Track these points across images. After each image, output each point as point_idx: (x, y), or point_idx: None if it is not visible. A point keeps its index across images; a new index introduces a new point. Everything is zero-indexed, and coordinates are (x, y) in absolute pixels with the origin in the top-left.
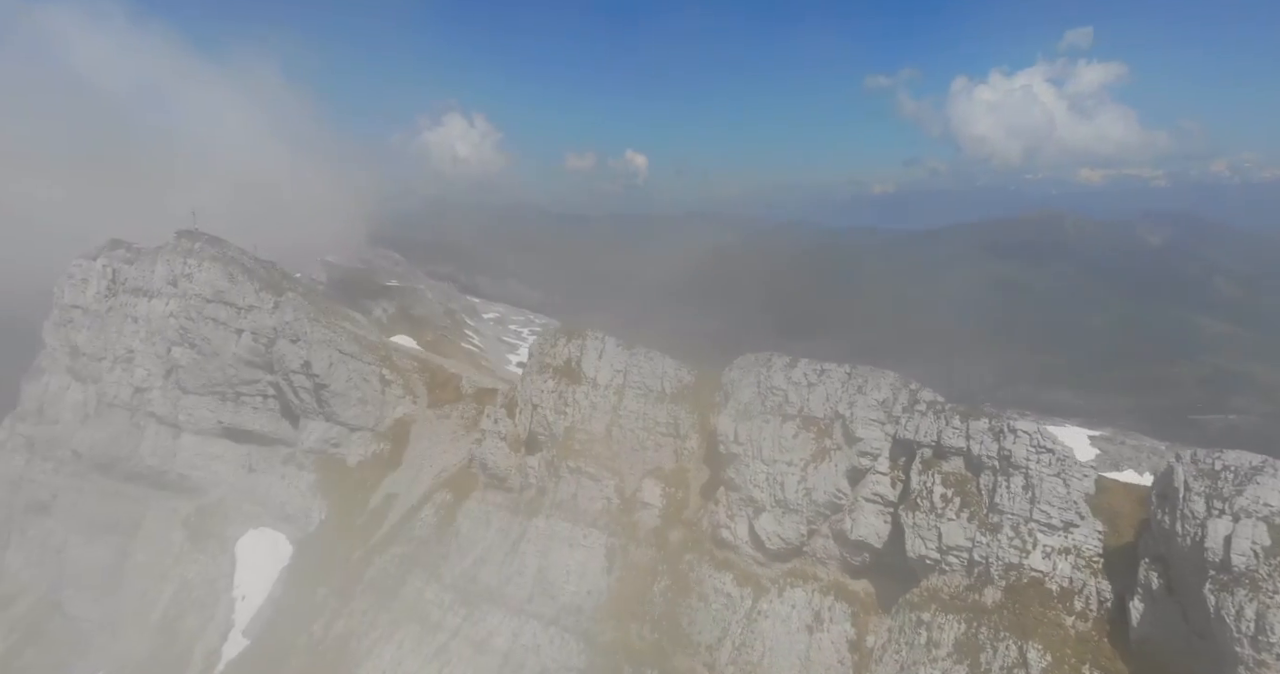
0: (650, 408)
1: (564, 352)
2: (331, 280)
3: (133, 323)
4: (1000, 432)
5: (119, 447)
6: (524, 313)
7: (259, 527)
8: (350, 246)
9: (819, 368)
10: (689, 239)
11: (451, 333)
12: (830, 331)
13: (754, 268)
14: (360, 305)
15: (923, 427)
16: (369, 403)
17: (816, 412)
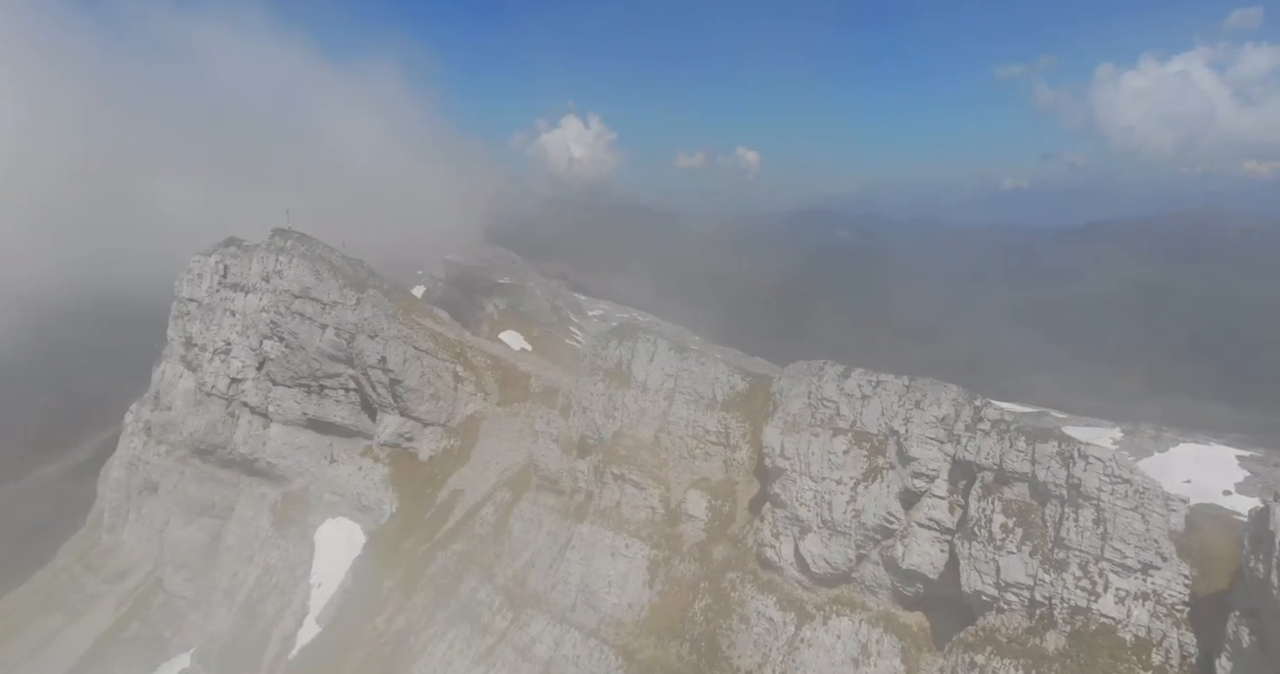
0: (700, 415)
1: (615, 354)
2: (450, 277)
3: (230, 316)
4: (1069, 457)
5: (216, 434)
6: (627, 310)
7: (337, 516)
8: (471, 245)
9: (874, 379)
10: (801, 237)
11: (557, 329)
12: (952, 336)
13: (869, 267)
14: (475, 301)
15: (984, 447)
16: (441, 399)
17: (870, 426)
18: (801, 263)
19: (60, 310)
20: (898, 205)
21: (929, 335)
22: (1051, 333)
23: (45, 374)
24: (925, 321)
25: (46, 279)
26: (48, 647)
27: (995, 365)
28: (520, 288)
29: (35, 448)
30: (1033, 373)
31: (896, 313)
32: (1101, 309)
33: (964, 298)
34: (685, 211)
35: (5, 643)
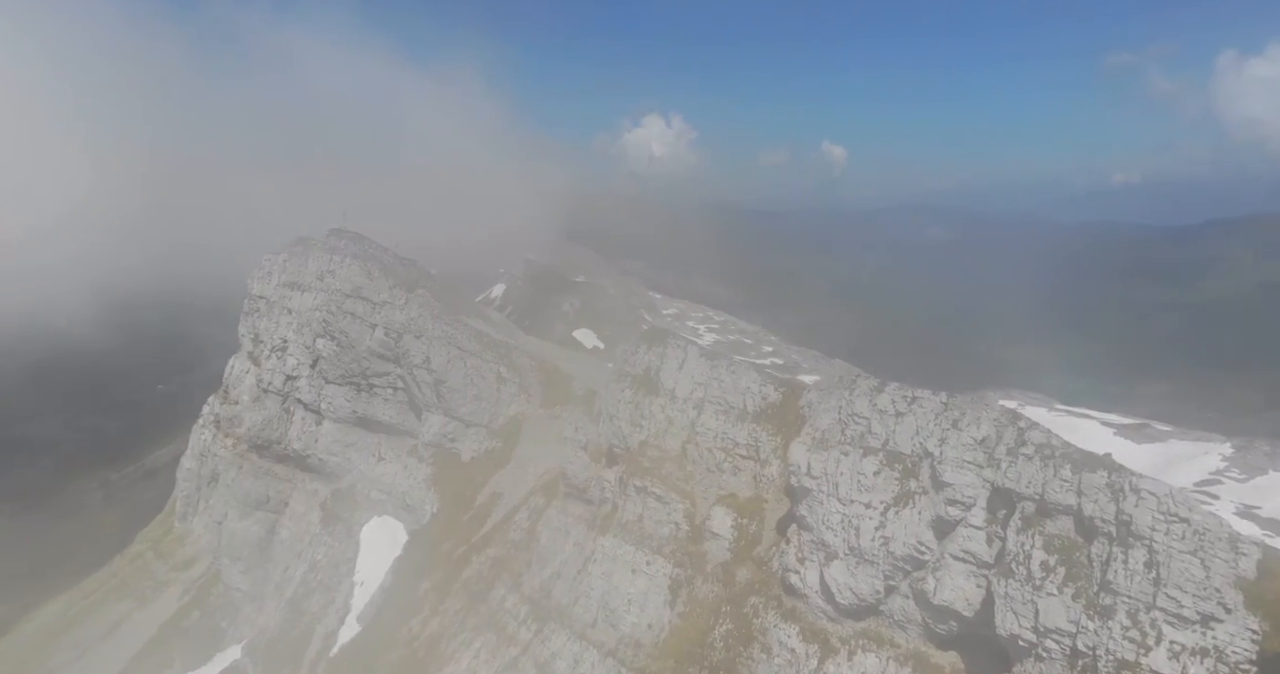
0: (730, 427)
1: (644, 360)
2: (529, 275)
3: (288, 314)
4: (1119, 490)
5: (271, 429)
6: (702, 309)
7: (383, 514)
8: (550, 244)
9: (909, 395)
10: (890, 234)
11: (630, 328)
12: (1053, 340)
13: (963, 266)
14: (551, 300)
15: (1025, 474)
16: (484, 400)
17: (903, 446)
18: (890, 261)
19: (167, 303)
20: (997, 202)
21: (1027, 338)
22: (1164, 338)
23: (158, 364)
24: (1023, 324)
25: (145, 277)
26: (117, 631)
27: (1099, 371)
28: (595, 286)
29: (148, 433)
30: (1142, 380)
31: (992, 314)
32: (1221, 313)
33: (1067, 299)
34: (767, 208)
35: (81, 625)
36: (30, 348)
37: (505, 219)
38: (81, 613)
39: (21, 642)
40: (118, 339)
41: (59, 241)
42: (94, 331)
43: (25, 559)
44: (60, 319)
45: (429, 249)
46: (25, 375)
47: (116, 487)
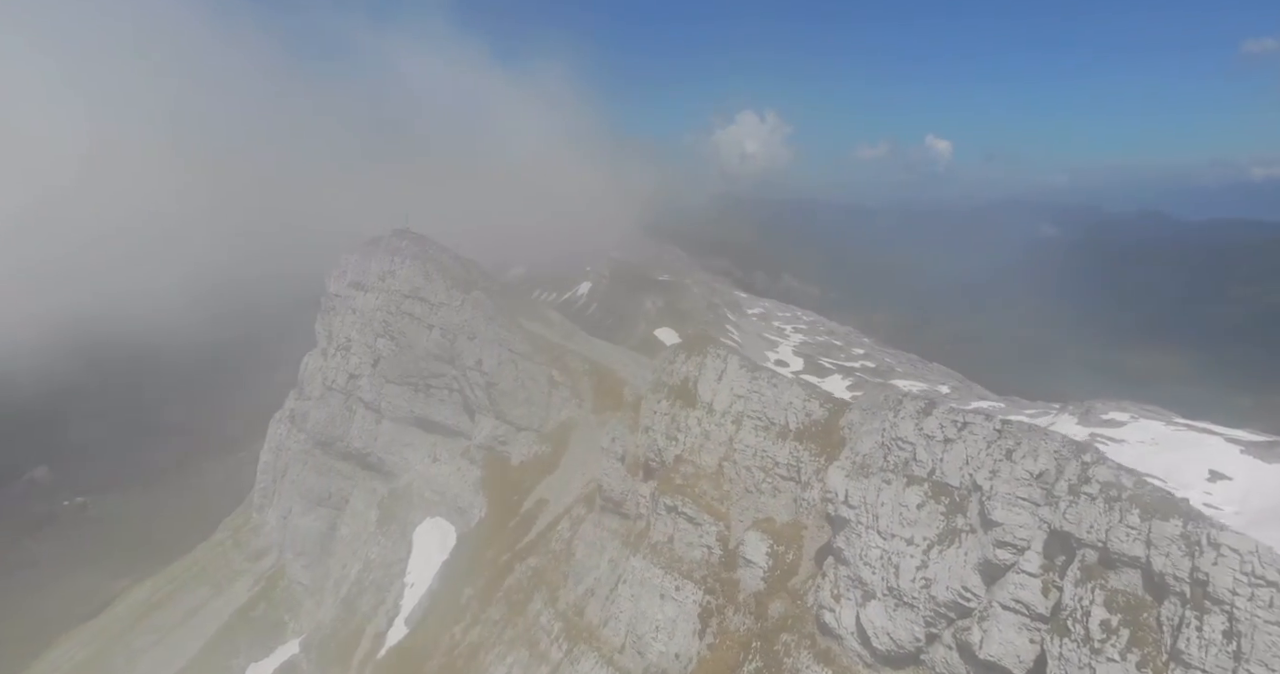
0: (770, 444)
1: (682, 370)
2: (613, 274)
3: (352, 313)
4: (1196, 543)
5: (334, 427)
6: (790, 309)
7: (435, 516)
8: (637, 243)
9: (960, 419)
10: (997, 232)
11: (713, 328)
12: (1180, 347)
13: (1076, 265)
14: (634, 298)
15: (1087, 517)
16: (534, 404)
17: (950, 477)
18: (998, 260)
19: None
20: (1116, 198)
21: (1147, 344)
22: None
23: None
24: (1143, 329)
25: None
26: (194, 617)
27: (1227, 382)
28: (678, 285)
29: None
30: (1275, 393)
31: (1106, 317)
32: None
33: (1192, 302)
34: (865, 205)
35: (163, 609)
36: (145, 340)
37: (593, 218)
38: (165, 597)
39: (114, 622)
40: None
41: (155, 238)
42: (204, 324)
43: (145, 534)
44: (169, 313)
45: (518, 249)
46: (148, 364)
47: (234, 470)
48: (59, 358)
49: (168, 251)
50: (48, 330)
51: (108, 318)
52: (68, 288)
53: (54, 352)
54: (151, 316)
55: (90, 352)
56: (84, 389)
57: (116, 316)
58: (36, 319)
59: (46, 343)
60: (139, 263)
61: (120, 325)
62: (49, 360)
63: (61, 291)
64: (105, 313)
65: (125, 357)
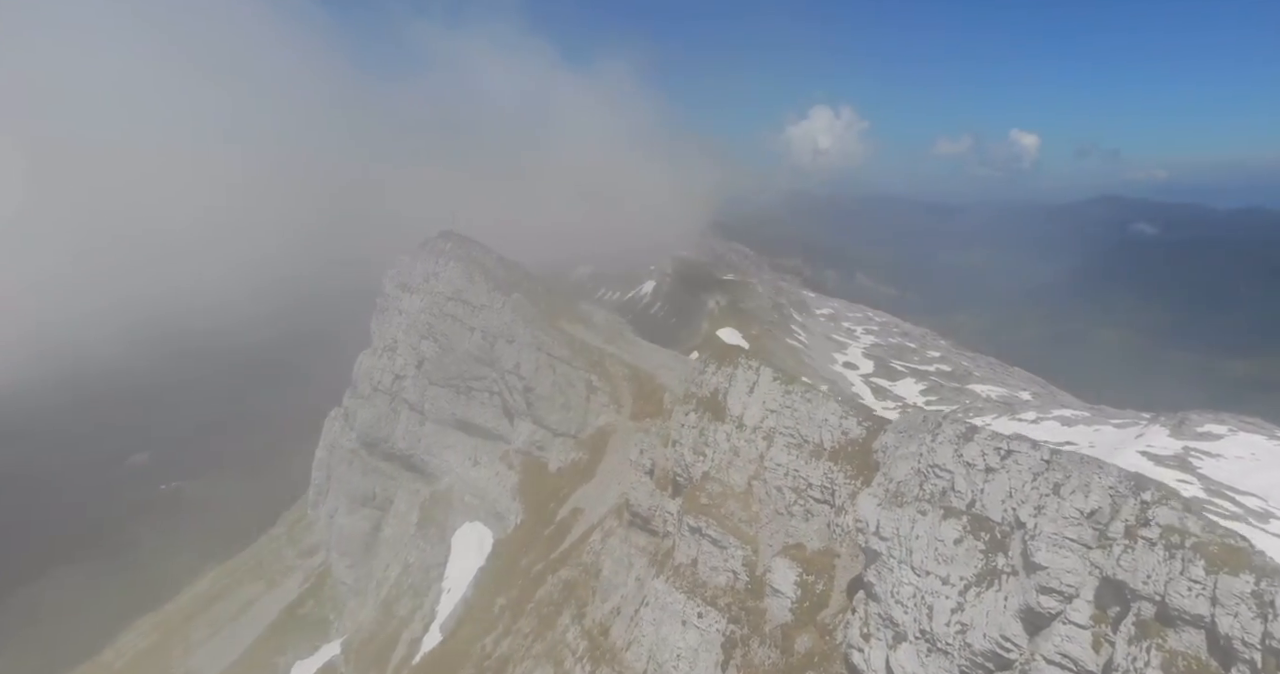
0: (802, 464)
1: (711, 381)
2: (676, 273)
3: (399, 314)
4: (1270, 604)
5: (379, 427)
6: (860, 309)
7: (474, 520)
8: (703, 241)
9: (1003, 447)
10: (1087, 229)
11: (778, 328)
12: None
13: (1173, 265)
14: (698, 297)
15: (1144, 566)
16: (572, 409)
17: (991, 511)
18: (1086, 259)
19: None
20: (1222, 195)
21: (1251, 351)
22: None
23: None
24: (1246, 335)
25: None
26: (247, 611)
27: None
28: (743, 284)
29: None
30: None
31: (1206, 321)
32: None
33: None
34: (946, 202)
35: (221, 602)
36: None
37: (659, 217)
38: (223, 590)
39: (177, 612)
40: (294, 325)
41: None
42: (266, 318)
43: (232, 519)
44: (232, 307)
45: (586, 248)
46: (223, 355)
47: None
48: (144, 348)
49: (228, 248)
50: (132, 322)
51: (177, 311)
52: (139, 282)
53: (139, 342)
54: (216, 310)
55: (171, 343)
56: (177, 379)
57: (185, 310)
58: (116, 310)
59: (131, 334)
60: (200, 258)
61: (190, 318)
62: (137, 351)
63: (135, 285)
64: (174, 306)
65: (201, 348)
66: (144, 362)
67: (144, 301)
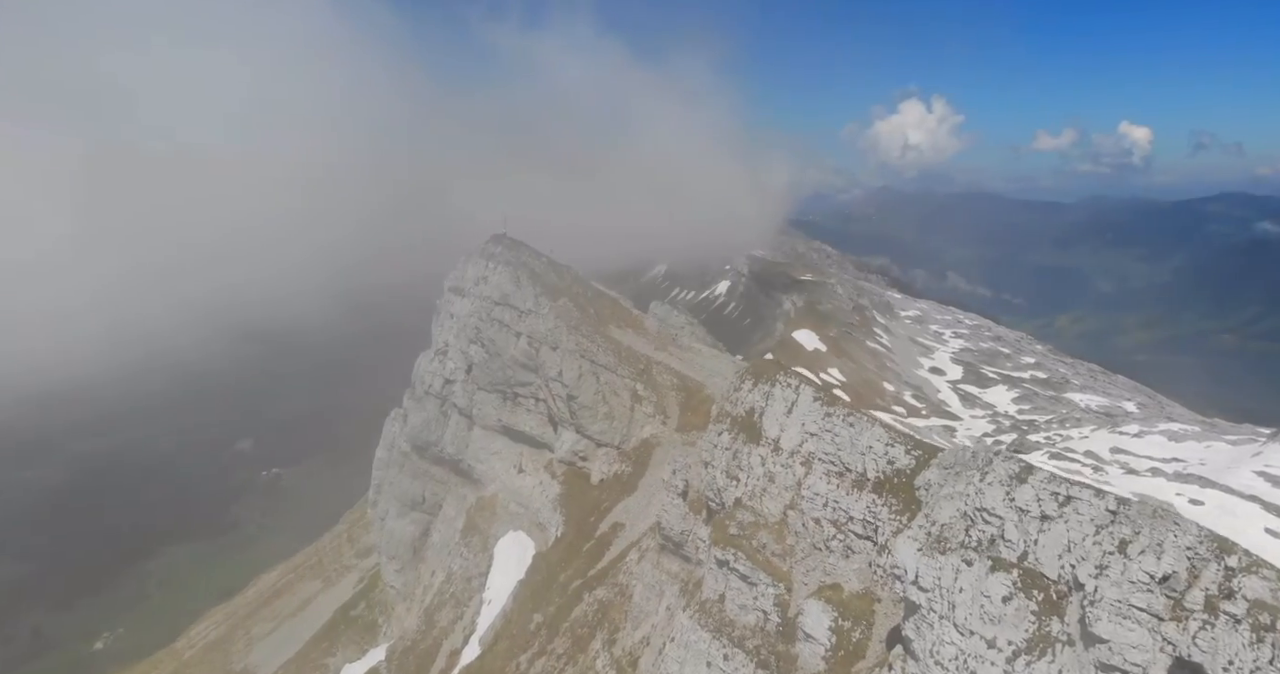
0: (843, 495)
1: (747, 398)
2: (752, 273)
3: (450, 318)
4: None
5: (429, 431)
6: (950, 311)
7: (517, 529)
8: (782, 239)
9: (1062, 492)
10: (1205, 228)
11: (858, 330)
12: None
13: None
14: (773, 298)
15: (1227, 647)
16: (615, 419)
17: (1046, 567)
18: (1205, 259)
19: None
20: None
21: None
22: None
23: None
24: None
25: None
26: (305, 608)
27: None
28: (821, 285)
29: None
30: None
31: None
32: None
33: None
34: (1047, 199)
35: (282, 598)
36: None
37: (737, 215)
38: (285, 586)
39: (243, 605)
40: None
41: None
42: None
43: (323, 506)
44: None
45: (662, 247)
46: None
47: None
48: (231, 341)
49: (306, 248)
50: (216, 315)
51: (257, 305)
52: (226, 278)
53: (225, 335)
54: (297, 306)
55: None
56: (268, 369)
57: (265, 304)
58: (203, 304)
59: (217, 327)
60: (279, 256)
61: (270, 312)
62: (225, 344)
63: (222, 280)
64: (255, 301)
65: (285, 343)
66: (232, 352)
67: (226, 296)
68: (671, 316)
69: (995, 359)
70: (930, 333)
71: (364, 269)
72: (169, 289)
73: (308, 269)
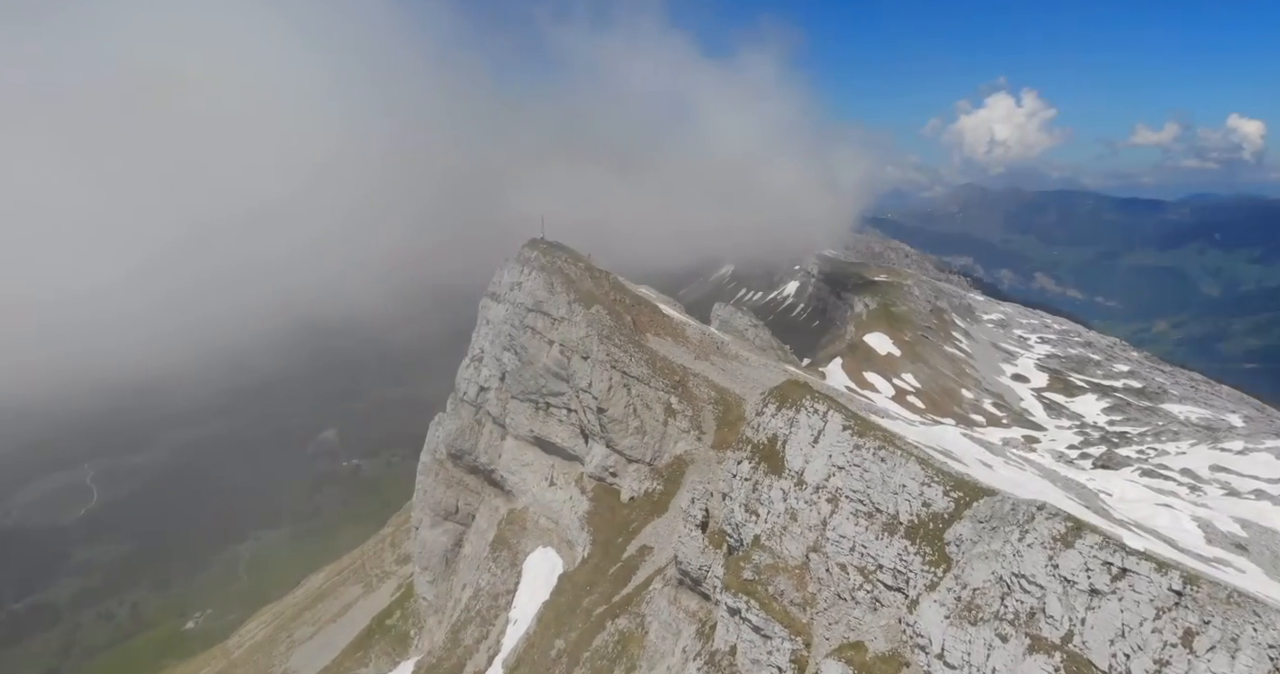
0: (872, 539)
1: (770, 424)
2: (821, 273)
3: (486, 324)
4: None
5: (463, 439)
6: (1037, 315)
7: (547, 546)
8: (855, 238)
9: (1116, 564)
10: None
11: (936, 334)
12: None
13: None
14: (844, 299)
15: None
16: (647, 433)
17: (1094, 653)
18: None
19: None
20: None
21: None
22: None
23: None
24: None
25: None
26: (345, 614)
27: None
28: (896, 286)
29: None
30: None
31: None
32: None
33: None
34: (1146, 196)
35: (325, 601)
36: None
37: (808, 213)
38: (330, 589)
39: (291, 605)
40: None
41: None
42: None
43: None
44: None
45: (729, 246)
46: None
47: None
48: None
49: (369, 248)
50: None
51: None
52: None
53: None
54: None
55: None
56: (355, 364)
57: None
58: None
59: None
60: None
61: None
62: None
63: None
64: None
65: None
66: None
67: (294, 295)
68: (735, 318)
69: (1085, 366)
70: (1014, 337)
71: (439, 264)
72: (239, 290)
73: (377, 266)
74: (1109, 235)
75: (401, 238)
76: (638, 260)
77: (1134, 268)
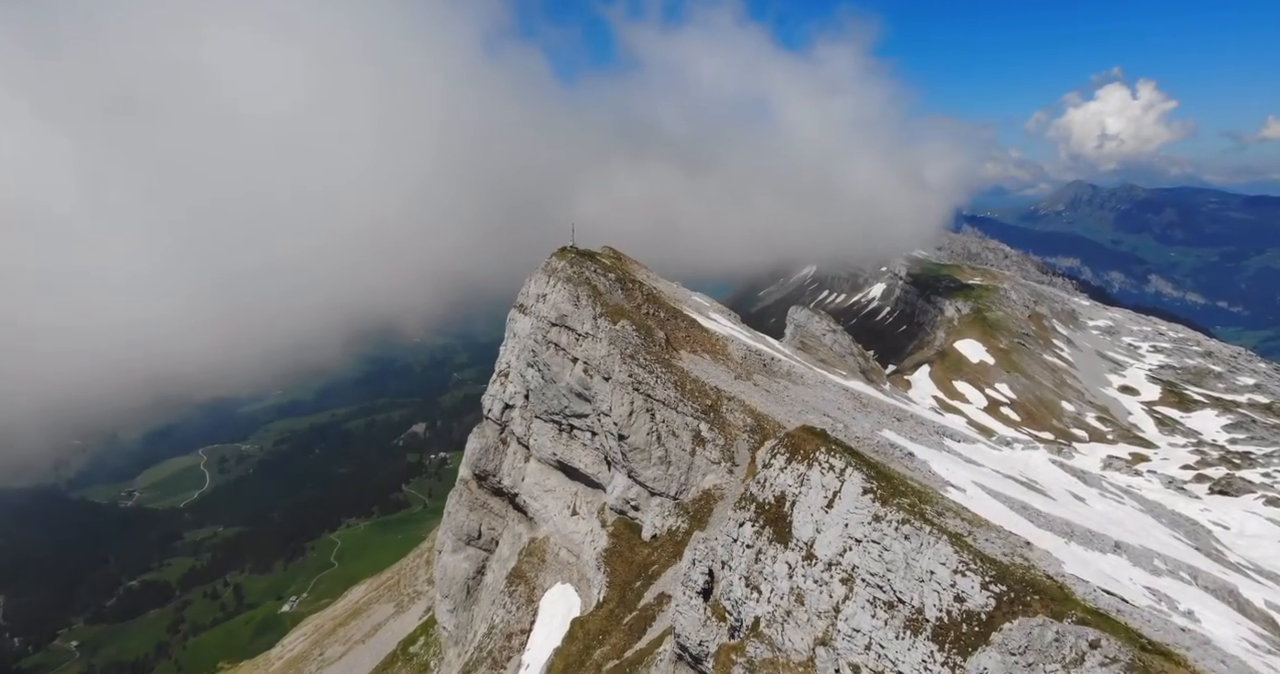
0: (891, 638)
1: (778, 480)
2: (910, 275)
3: (512, 337)
4: None
5: (487, 459)
6: (1150, 321)
7: (565, 582)
8: (948, 238)
9: None
10: None
11: (1034, 341)
12: None
13: None
14: (934, 303)
15: None
16: (674, 464)
17: None
18: None
19: None
20: None
21: None
22: None
23: None
24: None
25: None
26: (375, 635)
27: None
28: (991, 289)
29: None
30: None
31: None
32: None
33: None
34: (1277, 193)
35: (358, 619)
36: None
37: (895, 212)
38: (365, 605)
39: (330, 618)
40: None
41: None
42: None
43: None
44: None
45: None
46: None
47: None
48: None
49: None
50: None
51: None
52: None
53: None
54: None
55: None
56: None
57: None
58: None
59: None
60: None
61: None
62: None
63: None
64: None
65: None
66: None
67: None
68: (812, 323)
69: (1204, 378)
70: (1123, 346)
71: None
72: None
73: (424, 270)
74: (1235, 235)
75: (481, 238)
76: (708, 262)
77: (1263, 271)
